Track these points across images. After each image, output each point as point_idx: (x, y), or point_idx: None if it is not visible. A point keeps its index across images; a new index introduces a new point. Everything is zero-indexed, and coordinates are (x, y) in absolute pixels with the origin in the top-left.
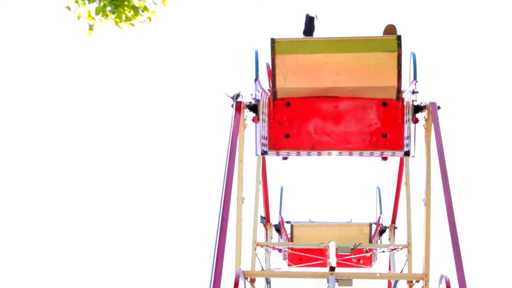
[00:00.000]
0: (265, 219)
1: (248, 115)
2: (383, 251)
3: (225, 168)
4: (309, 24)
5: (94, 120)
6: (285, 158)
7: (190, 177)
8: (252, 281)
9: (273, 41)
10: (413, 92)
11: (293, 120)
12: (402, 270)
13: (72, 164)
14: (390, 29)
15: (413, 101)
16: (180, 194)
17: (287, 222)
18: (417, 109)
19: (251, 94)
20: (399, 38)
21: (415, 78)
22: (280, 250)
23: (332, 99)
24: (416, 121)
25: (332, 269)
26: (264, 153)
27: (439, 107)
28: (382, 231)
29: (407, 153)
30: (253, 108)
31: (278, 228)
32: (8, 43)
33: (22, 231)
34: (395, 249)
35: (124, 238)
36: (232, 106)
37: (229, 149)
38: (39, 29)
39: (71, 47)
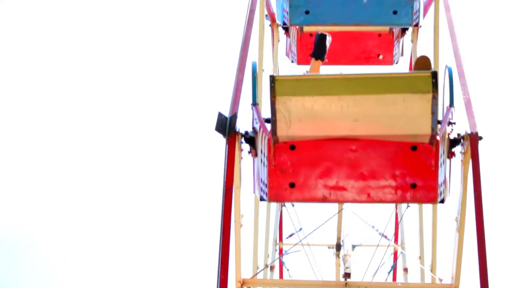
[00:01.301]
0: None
1: (245, 145)
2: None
3: (222, 202)
4: (320, 44)
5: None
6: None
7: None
8: None
9: (273, 79)
10: (449, 123)
11: (299, 166)
12: None
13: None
14: (423, 63)
15: (448, 134)
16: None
17: None
18: (454, 142)
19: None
20: (434, 75)
21: (451, 103)
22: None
23: (349, 140)
24: (452, 155)
25: (347, 275)
26: (262, 199)
27: (480, 138)
28: None
29: (441, 201)
30: (250, 140)
31: (286, 27)
32: None
33: (23, 231)
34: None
35: (120, 239)
36: (224, 137)
37: (224, 188)
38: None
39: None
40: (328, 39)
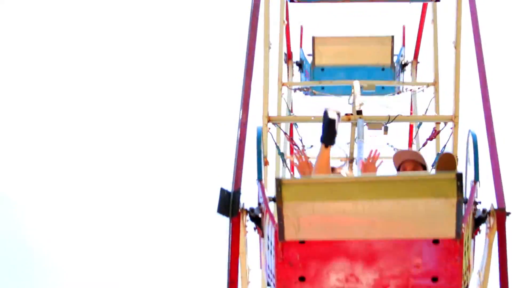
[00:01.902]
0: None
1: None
2: (410, 89)
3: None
4: (329, 129)
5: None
6: None
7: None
8: None
9: (279, 183)
10: (475, 203)
11: (310, 260)
12: (426, 111)
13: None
14: (446, 161)
15: (473, 215)
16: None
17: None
18: (479, 221)
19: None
20: (459, 177)
21: (476, 178)
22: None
23: None
24: (476, 232)
25: (359, 113)
26: (269, 285)
27: (508, 214)
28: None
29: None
30: (256, 219)
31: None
32: None
33: (23, 231)
34: (420, 87)
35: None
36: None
37: (228, 276)
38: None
39: None
40: (338, 120)
